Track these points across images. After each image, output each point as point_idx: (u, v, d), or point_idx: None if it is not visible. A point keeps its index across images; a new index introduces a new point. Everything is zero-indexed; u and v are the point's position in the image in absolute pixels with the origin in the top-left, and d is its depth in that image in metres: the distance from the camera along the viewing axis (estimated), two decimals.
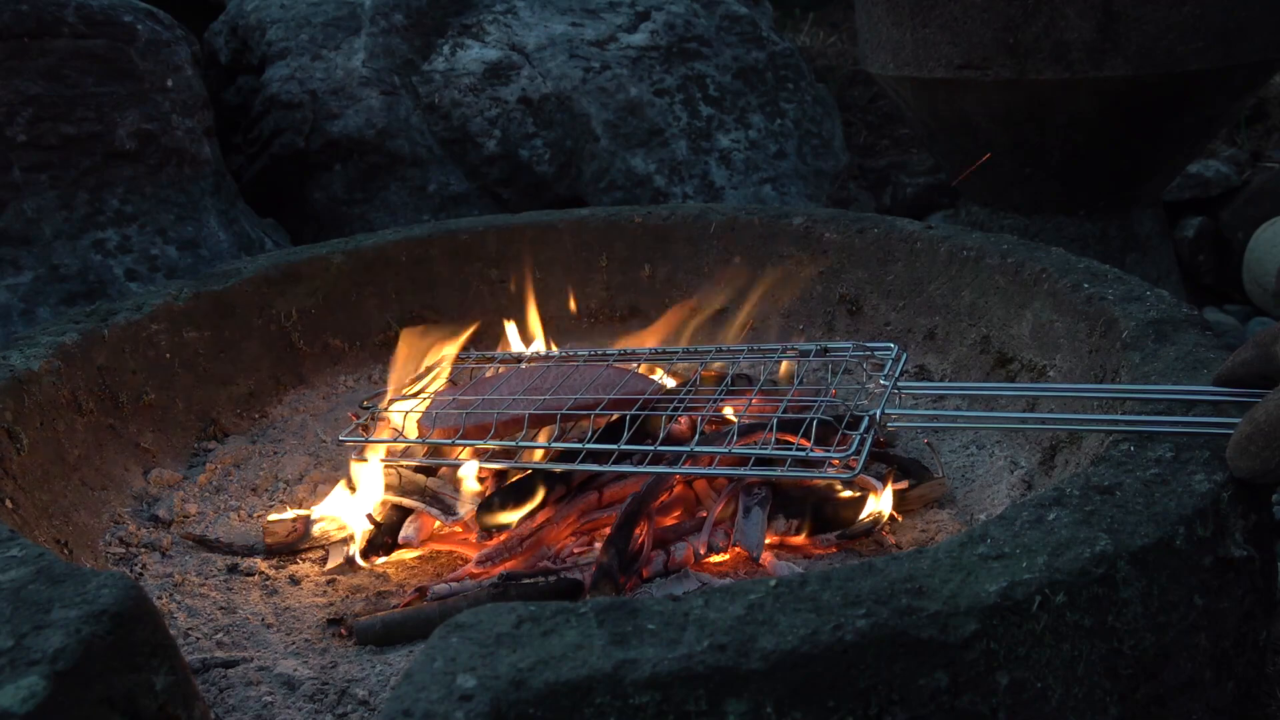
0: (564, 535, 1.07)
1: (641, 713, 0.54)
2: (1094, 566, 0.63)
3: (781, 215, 1.56)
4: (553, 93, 2.18)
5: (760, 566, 1.02)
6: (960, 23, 1.76)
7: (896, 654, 0.57)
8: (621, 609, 0.60)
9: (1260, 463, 0.70)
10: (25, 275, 1.58)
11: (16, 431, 1.03)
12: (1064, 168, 1.88)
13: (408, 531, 1.07)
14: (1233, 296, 2.32)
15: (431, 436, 1.11)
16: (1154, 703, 0.66)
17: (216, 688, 0.85)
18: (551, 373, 1.18)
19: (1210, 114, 1.82)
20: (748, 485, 1.09)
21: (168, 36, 1.77)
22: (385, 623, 0.94)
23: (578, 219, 1.64)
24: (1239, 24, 1.67)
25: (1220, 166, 2.43)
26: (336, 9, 2.23)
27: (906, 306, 1.42)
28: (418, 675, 0.56)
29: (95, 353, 1.21)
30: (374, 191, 2.13)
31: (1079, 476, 0.74)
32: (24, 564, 0.69)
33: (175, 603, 0.99)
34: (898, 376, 1.02)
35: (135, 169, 1.71)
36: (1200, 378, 0.88)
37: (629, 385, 1.12)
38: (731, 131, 2.33)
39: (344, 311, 1.53)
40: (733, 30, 2.44)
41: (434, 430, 1.10)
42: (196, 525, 1.14)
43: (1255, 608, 0.73)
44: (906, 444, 1.26)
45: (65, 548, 1.01)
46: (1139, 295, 1.10)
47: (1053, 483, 0.88)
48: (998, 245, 1.33)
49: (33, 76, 1.59)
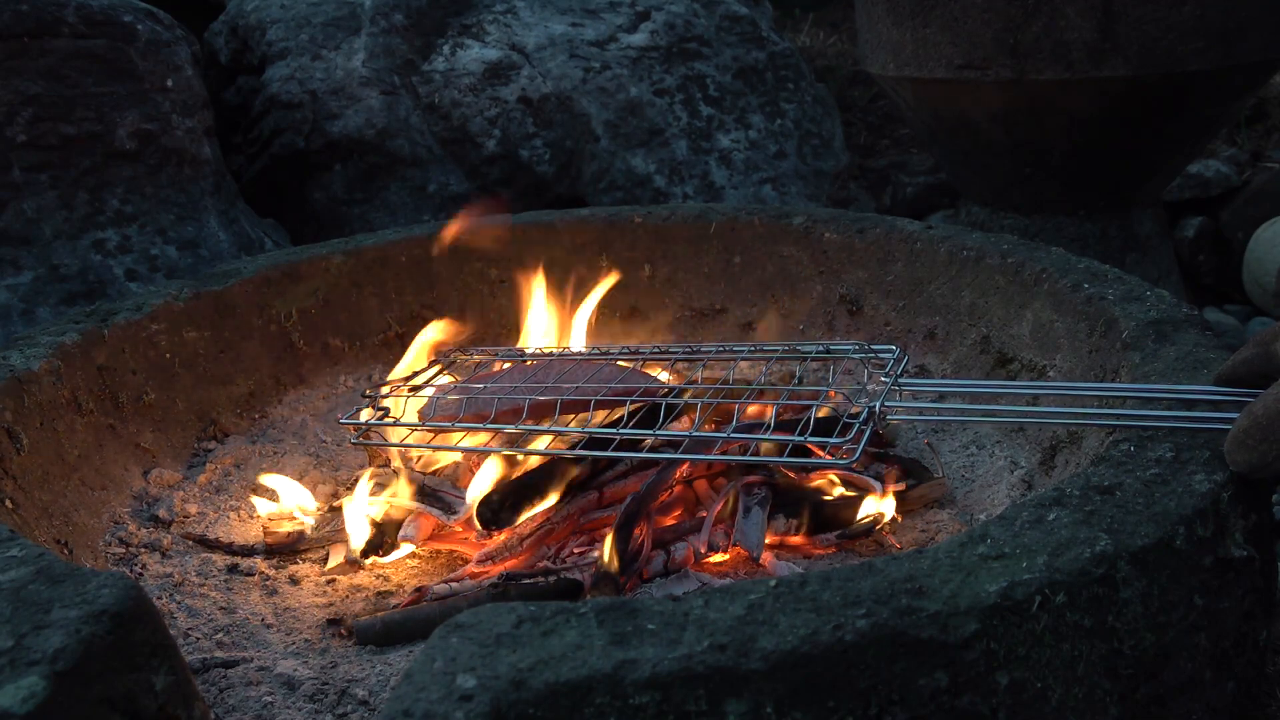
0: (564, 535, 1.07)
1: (641, 713, 0.54)
2: (1094, 566, 0.63)
3: (781, 215, 1.56)
4: (553, 93, 2.18)
5: (760, 566, 1.02)
6: (960, 23, 1.76)
7: (896, 654, 0.57)
8: (621, 609, 0.60)
9: (1258, 456, 0.70)
10: (25, 275, 1.58)
11: (16, 431, 1.03)
12: (1064, 168, 1.88)
13: (408, 531, 1.07)
14: (1233, 296, 2.32)
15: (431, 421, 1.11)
16: (1154, 703, 0.66)
17: (216, 688, 0.85)
18: (553, 367, 1.19)
19: (1210, 114, 1.82)
20: (747, 485, 1.09)
21: (168, 36, 1.77)
22: (385, 623, 0.94)
23: (578, 219, 1.64)
24: (1239, 24, 1.67)
25: (1220, 166, 2.43)
26: (336, 9, 2.22)
27: (906, 306, 1.42)
28: (418, 675, 0.56)
29: (95, 353, 1.21)
30: (374, 191, 2.13)
31: (1079, 476, 0.74)
32: (24, 564, 0.69)
33: (175, 603, 0.99)
34: (899, 374, 1.02)
35: (135, 169, 1.71)
36: (1200, 378, 0.88)
37: (628, 380, 1.12)
38: (731, 131, 2.33)
39: (344, 311, 1.53)
40: (733, 30, 2.44)
41: (433, 415, 1.11)
42: (196, 525, 1.14)
43: (1255, 608, 0.73)
44: (907, 444, 1.26)
45: (65, 548, 1.01)
46: (1139, 295, 1.10)
47: (1053, 483, 0.88)
48: (998, 245, 1.33)
49: (33, 76, 1.59)
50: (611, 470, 1.11)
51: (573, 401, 1.07)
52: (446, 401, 1.12)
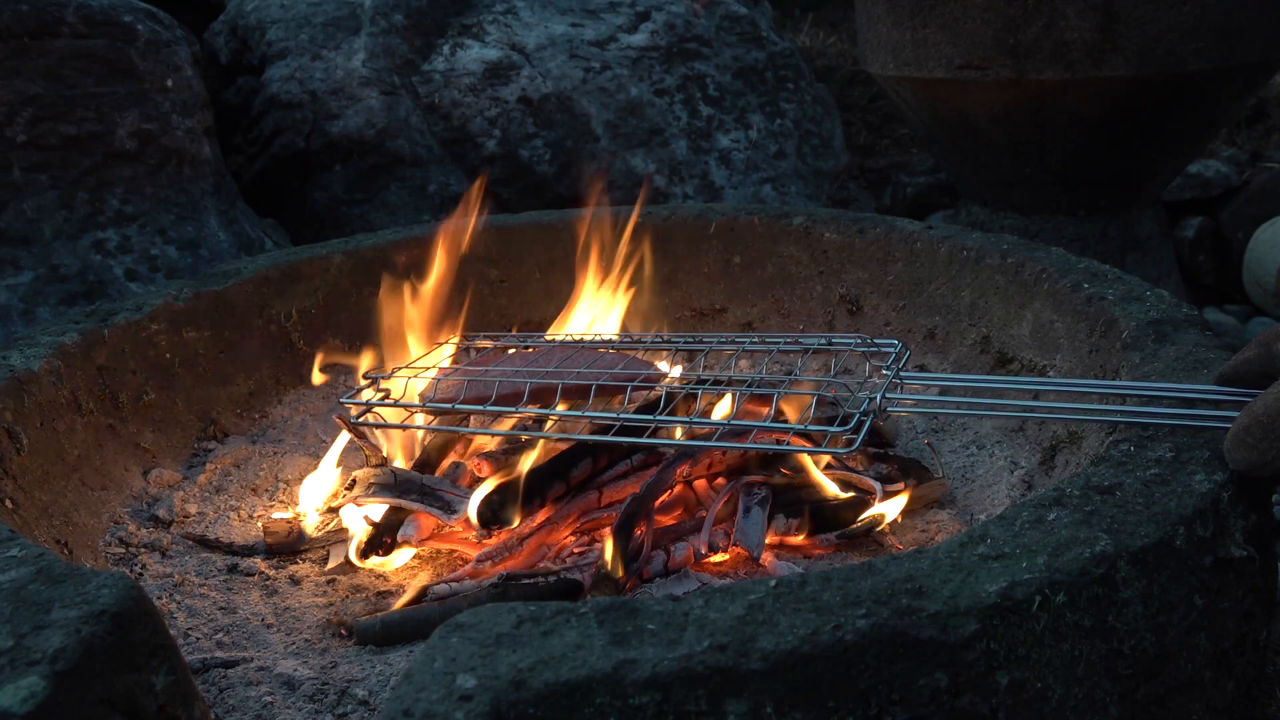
0: (564, 535, 1.07)
1: (641, 713, 0.54)
2: (1094, 566, 0.63)
3: (781, 215, 1.56)
4: (553, 93, 2.18)
5: (760, 566, 1.02)
6: (960, 23, 1.76)
7: (896, 654, 0.57)
8: (621, 609, 0.60)
9: (1258, 454, 0.70)
10: (25, 275, 1.58)
11: (16, 431, 1.03)
12: (1064, 168, 1.88)
13: (407, 531, 1.07)
14: (1233, 296, 2.32)
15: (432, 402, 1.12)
16: (1154, 703, 0.66)
17: (216, 688, 0.85)
18: (554, 353, 1.19)
19: (1210, 114, 1.82)
20: (747, 485, 1.09)
21: (168, 36, 1.77)
22: (385, 623, 0.94)
23: (578, 219, 1.64)
24: (1239, 24, 1.67)
25: (1220, 166, 2.43)
26: (336, 9, 2.22)
27: (906, 306, 1.42)
28: (418, 675, 0.56)
29: (95, 353, 1.21)
30: (374, 191, 2.13)
31: (1079, 476, 0.74)
32: (24, 564, 0.69)
33: (175, 603, 0.99)
34: (900, 368, 1.02)
35: (135, 169, 1.71)
36: (1200, 378, 0.88)
37: (629, 367, 1.13)
38: (731, 131, 2.33)
39: (344, 311, 1.53)
40: (733, 30, 2.44)
41: (434, 397, 1.12)
42: (196, 525, 1.14)
43: (1255, 608, 0.73)
44: (907, 444, 1.26)
45: (65, 548, 1.01)
46: (1139, 295, 1.10)
47: (1053, 483, 0.88)
48: (998, 245, 1.33)
49: (33, 76, 1.59)
50: (611, 470, 1.11)
51: (574, 386, 1.07)
52: (447, 384, 1.13)
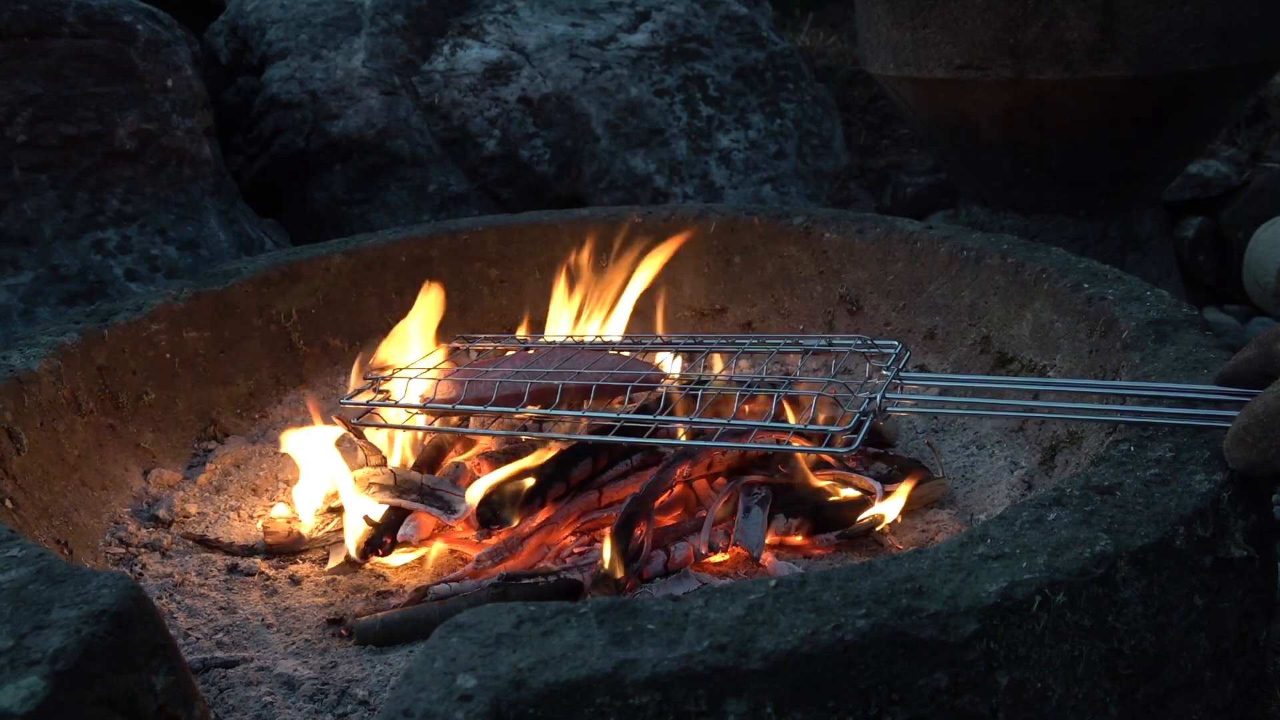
0: (564, 535, 1.07)
1: (641, 713, 0.54)
2: (1094, 566, 0.63)
3: (781, 215, 1.56)
4: (553, 93, 2.18)
5: (760, 566, 1.02)
6: (960, 23, 1.76)
7: (896, 654, 0.57)
8: (621, 609, 0.60)
9: (1257, 453, 0.70)
10: (25, 275, 1.58)
11: (16, 431, 1.03)
12: (1064, 168, 1.88)
13: (407, 530, 1.07)
14: (1233, 296, 2.32)
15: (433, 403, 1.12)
16: (1154, 703, 0.66)
17: (216, 688, 0.85)
18: (554, 355, 1.19)
19: (1210, 114, 1.82)
20: (747, 485, 1.09)
21: (168, 36, 1.77)
22: (385, 623, 0.94)
23: (578, 219, 1.64)
24: (1239, 24, 1.67)
25: (1220, 166, 2.43)
26: (336, 9, 2.22)
27: (906, 306, 1.42)
28: (418, 675, 0.56)
29: (95, 353, 1.21)
30: (374, 191, 2.13)
31: (1079, 476, 0.74)
32: (24, 564, 0.69)
33: (175, 603, 0.99)
34: (900, 369, 1.02)
35: (135, 169, 1.71)
36: (1200, 378, 0.88)
37: (629, 368, 1.13)
38: (731, 131, 2.33)
39: (344, 311, 1.53)
40: (733, 30, 2.44)
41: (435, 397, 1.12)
42: (196, 525, 1.14)
43: (1255, 608, 0.73)
44: (907, 444, 1.26)
45: (65, 548, 1.01)
46: (1139, 295, 1.10)
47: (1053, 483, 0.88)
48: (998, 245, 1.33)
49: (33, 76, 1.59)
50: (611, 470, 1.11)
51: (574, 387, 1.07)
52: (447, 385, 1.13)
